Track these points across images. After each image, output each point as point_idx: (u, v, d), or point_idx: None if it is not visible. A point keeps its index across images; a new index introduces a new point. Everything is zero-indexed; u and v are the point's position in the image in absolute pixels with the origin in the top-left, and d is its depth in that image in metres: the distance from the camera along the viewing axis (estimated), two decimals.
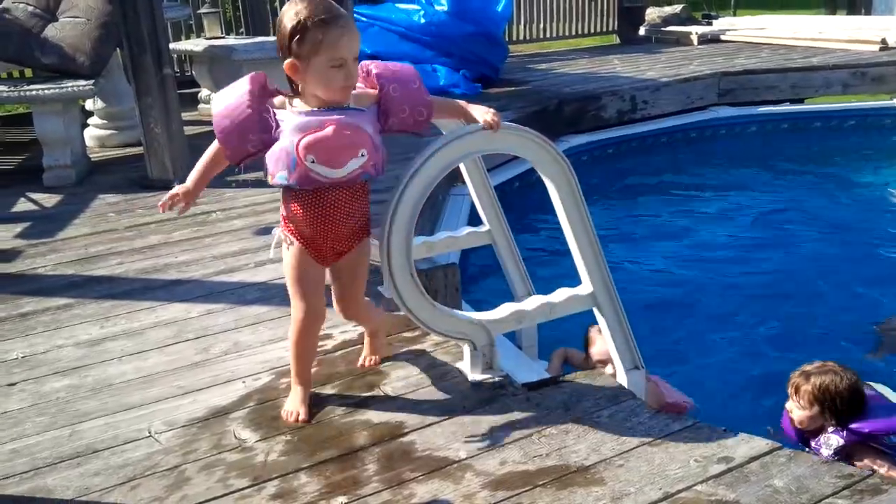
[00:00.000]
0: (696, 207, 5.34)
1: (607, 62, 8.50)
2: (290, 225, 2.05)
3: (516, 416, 2.14)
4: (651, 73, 7.49)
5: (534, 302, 2.43)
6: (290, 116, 1.90)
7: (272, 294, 2.95)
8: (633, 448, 1.98)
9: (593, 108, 6.59)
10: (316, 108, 1.91)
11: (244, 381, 2.37)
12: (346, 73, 1.87)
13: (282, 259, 2.11)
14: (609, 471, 1.89)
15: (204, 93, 6.71)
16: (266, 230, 3.66)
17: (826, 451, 2.44)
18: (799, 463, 1.89)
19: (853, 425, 2.41)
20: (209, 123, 6.58)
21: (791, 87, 7.31)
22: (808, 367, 2.55)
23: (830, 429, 2.47)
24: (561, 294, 2.44)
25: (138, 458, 2.01)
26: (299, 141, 1.88)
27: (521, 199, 4.68)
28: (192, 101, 6.63)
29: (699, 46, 9.25)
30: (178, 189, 2.03)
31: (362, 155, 1.93)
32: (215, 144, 1.98)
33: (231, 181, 4.42)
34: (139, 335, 2.70)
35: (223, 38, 7.01)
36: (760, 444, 1.98)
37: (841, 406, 2.43)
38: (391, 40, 7.26)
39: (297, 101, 1.94)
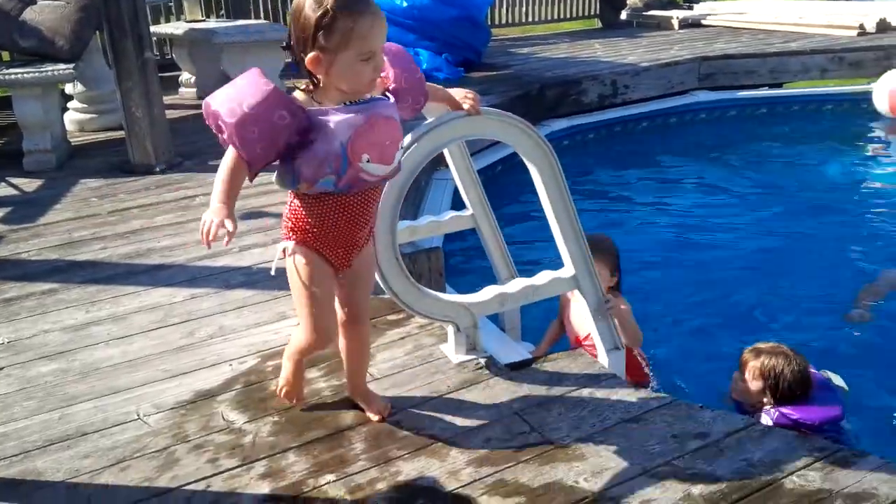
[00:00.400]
0: (676, 190, 5.41)
1: (589, 46, 8.53)
2: (308, 233, 1.84)
3: (499, 395, 2.19)
4: (632, 57, 7.53)
5: (517, 285, 2.47)
6: (331, 115, 1.70)
7: (257, 278, 2.97)
8: (613, 425, 2.04)
9: (574, 93, 6.62)
10: (349, 102, 1.74)
11: (231, 365, 2.39)
12: (375, 65, 1.71)
13: (288, 273, 1.89)
14: (590, 447, 1.95)
15: (184, 76, 6.67)
16: (250, 215, 3.68)
17: None
18: (773, 437, 1.96)
19: (786, 409, 2.49)
20: (191, 107, 6.53)
21: (770, 71, 7.39)
22: (762, 345, 2.62)
23: (766, 407, 2.54)
24: (543, 277, 2.48)
25: (127, 440, 2.04)
26: (351, 141, 1.70)
27: (505, 183, 4.71)
28: (173, 85, 6.58)
29: (680, 31, 9.30)
30: (213, 217, 1.67)
31: (401, 147, 1.84)
32: (232, 155, 1.70)
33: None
34: (124, 320, 2.72)
35: (203, 20, 6.97)
36: (736, 419, 2.04)
37: (783, 388, 2.51)
38: None
39: (319, 93, 1.75)
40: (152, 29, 5.85)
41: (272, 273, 1.94)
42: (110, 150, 4.98)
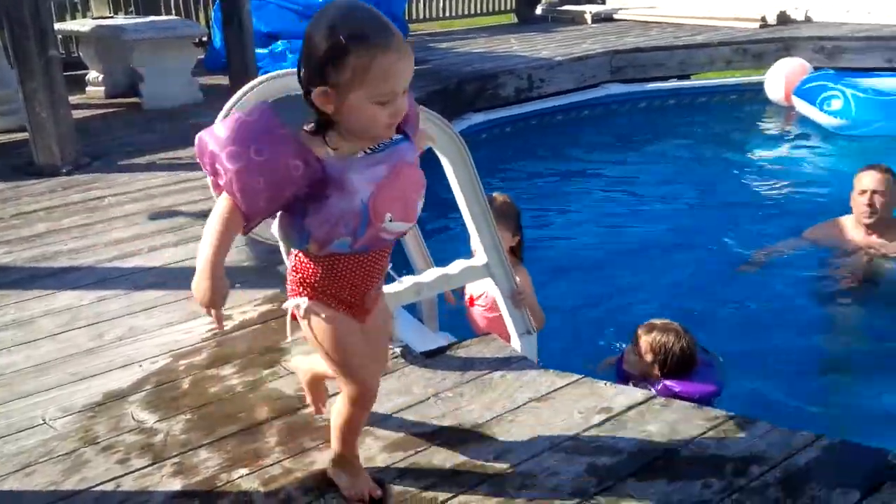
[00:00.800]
0: (590, 180, 5.57)
1: (505, 41, 8.66)
2: (318, 291, 1.59)
3: (414, 382, 2.23)
4: (546, 51, 7.69)
5: (431, 274, 2.52)
6: (350, 166, 1.44)
7: (167, 278, 2.93)
8: (523, 405, 2.10)
9: (492, 87, 6.72)
10: (370, 150, 1.47)
11: (141, 365, 2.36)
12: (393, 109, 1.41)
13: (309, 333, 1.62)
14: (500, 426, 2.01)
15: (92, 75, 6.45)
16: (160, 214, 3.62)
17: None
18: (672, 409, 2.06)
19: (670, 382, 2.65)
20: (98, 107, 6.32)
21: (678, 63, 7.66)
22: (656, 322, 2.78)
23: (653, 380, 2.69)
24: (457, 266, 2.54)
25: (32, 445, 1.99)
26: (373, 198, 1.45)
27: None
28: (79, 84, 6.36)
29: (593, 25, 9.54)
30: (205, 294, 1.45)
31: (422, 197, 1.57)
32: (226, 206, 1.43)
33: None
34: (30, 324, 2.64)
35: (111, 17, 6.77)
36: (637, 394, 2.14)
37: (670, 363, 2.67)
38: (288, 18, 7.17)
39: (333, 136, 1.46)
40: (57, 26, 5.64)
41: (288, 340, 1.69)
42: (13, 152, 4.79)
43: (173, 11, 8.23)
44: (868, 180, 3.59)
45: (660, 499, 1.74)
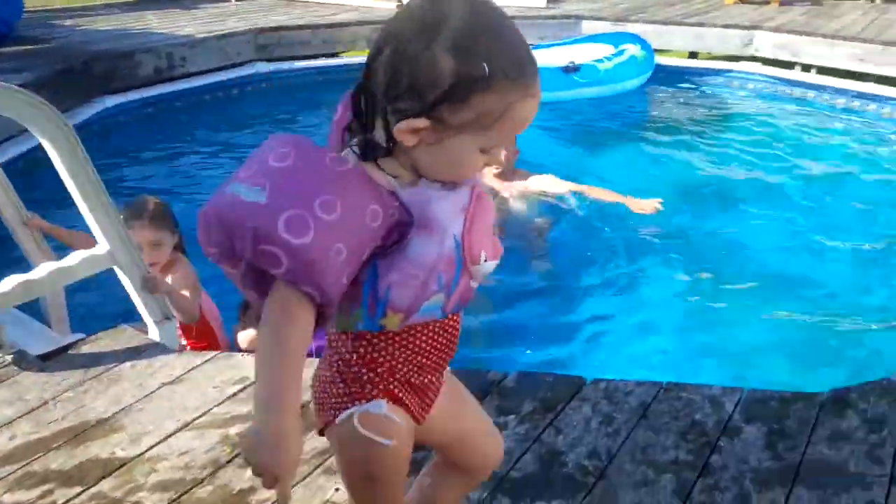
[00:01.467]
0: (236, 159, 5.51)
1: (142, 18, 8.12)
2: (393, 383, 1.12)
3: (29, 389, 2.05)
4: (189, 29, 7.36)
5: (44, 269, 2.30)
6: (428, 194, 1.03)
7: None
8: (155, 391, 2.04)
9: (127, 66, 6.25)
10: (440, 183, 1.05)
11: None
12: (492, 158, 1.05)
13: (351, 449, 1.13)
14: (129, 416, 1.93)
15: None
16: None
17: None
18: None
19: None
20: None
21: (322, 42, 7.85)
22: None
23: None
24: (75, 257, 2.35)
25: None
26: (467, 232, 1.06)
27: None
28: None
29: (236, 3, 9.34)
30: (277, 460, 0.94)
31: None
32: (289, 311, 0.96)
33: None
34: None
35: None
36: None
37: None
38: None
39: (390, 163, 1.03)
40: None
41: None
42: None
43: None
44: None
45: None
